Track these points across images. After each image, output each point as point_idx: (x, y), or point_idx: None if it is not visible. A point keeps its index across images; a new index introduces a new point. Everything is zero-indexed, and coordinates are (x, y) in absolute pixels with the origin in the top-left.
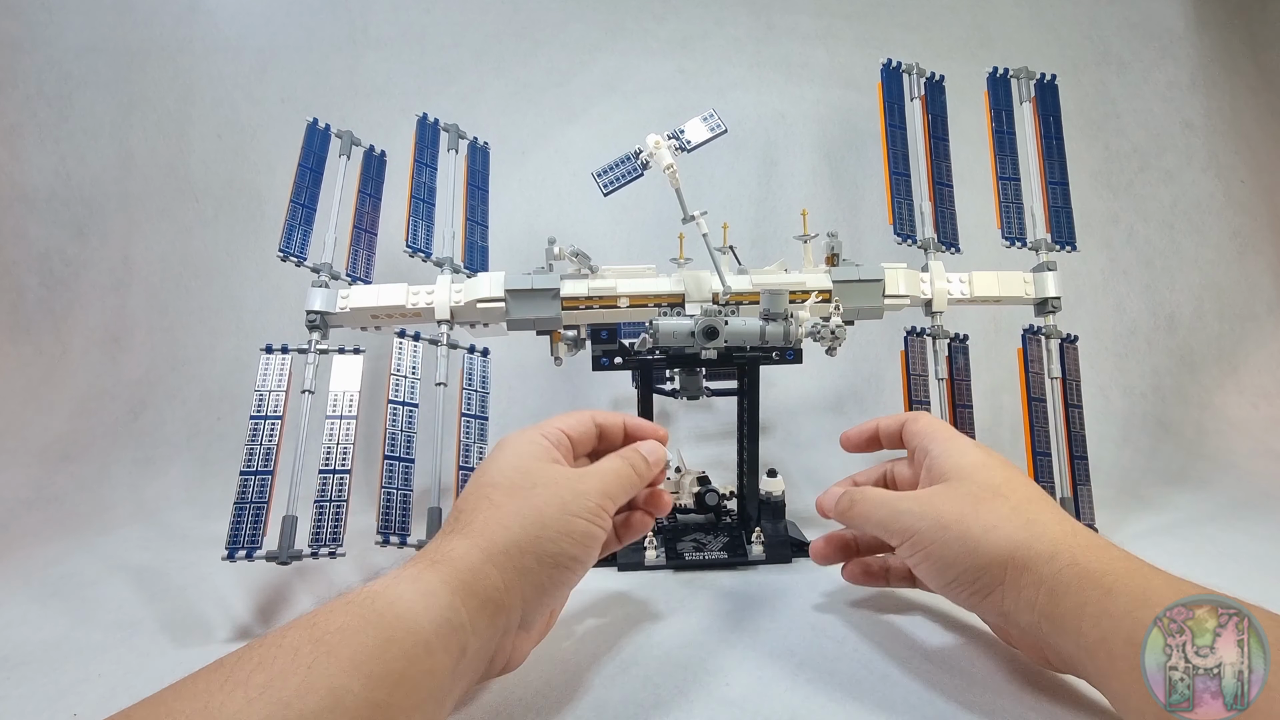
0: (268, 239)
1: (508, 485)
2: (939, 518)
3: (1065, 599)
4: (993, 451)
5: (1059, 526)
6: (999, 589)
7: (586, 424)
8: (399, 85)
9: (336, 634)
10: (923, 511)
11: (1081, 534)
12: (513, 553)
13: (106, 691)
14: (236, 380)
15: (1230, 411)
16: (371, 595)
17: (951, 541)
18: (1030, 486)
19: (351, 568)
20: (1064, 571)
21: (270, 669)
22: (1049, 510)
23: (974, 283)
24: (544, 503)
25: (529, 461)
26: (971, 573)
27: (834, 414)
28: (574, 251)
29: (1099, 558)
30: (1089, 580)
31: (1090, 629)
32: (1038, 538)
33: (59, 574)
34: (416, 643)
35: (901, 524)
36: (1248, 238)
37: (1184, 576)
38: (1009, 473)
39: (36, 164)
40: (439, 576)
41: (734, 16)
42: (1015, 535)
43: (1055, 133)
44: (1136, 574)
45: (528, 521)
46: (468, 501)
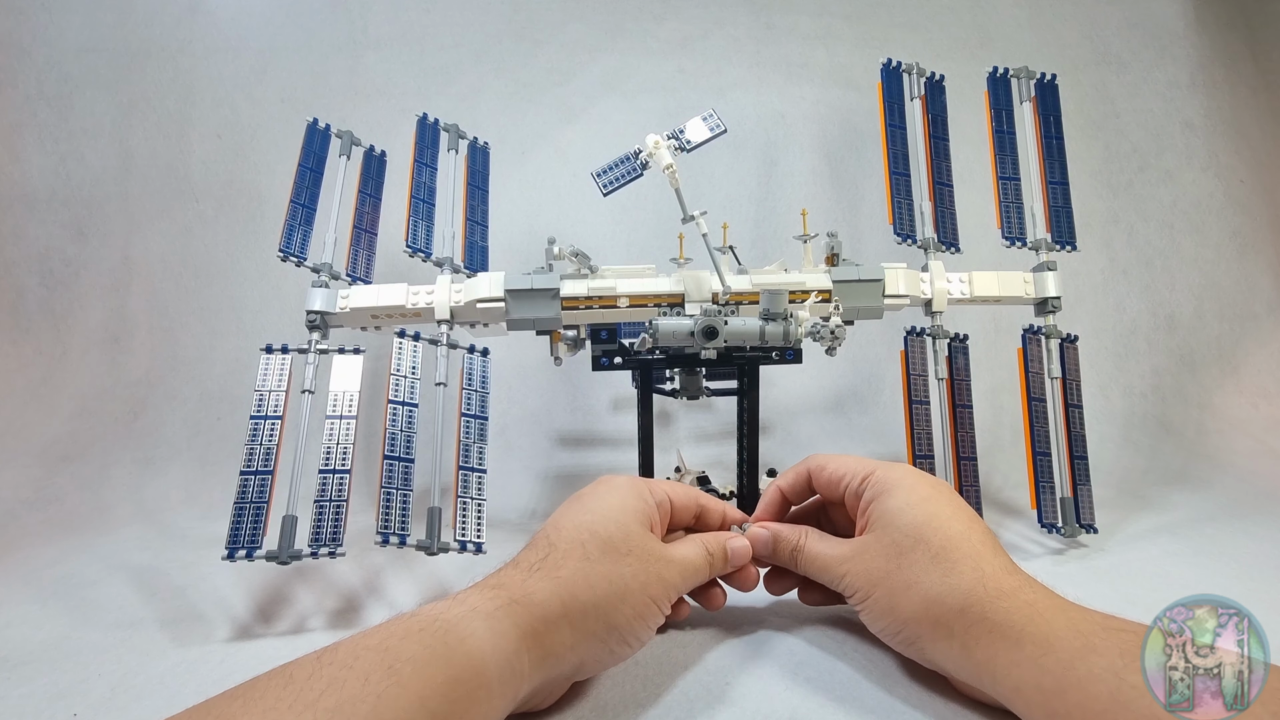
0: (268, 239)
1: (605, 541)
2: (869, 575)
3: (976, 652)
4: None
5: (972, 574)
6: (920, 641)
7: (691, 503)
8: (399, 85)
9: (408, 664)
10: (857, 570)
11: (990, 580)
12: (589, 615)
13: (106, 691)
14: (236, 380)
15: (1230, 411)
16: (445, 627)
17: (881, 597)
18: (954, 520)
19: (351, 567)
20: (973, 628)
21: (341, 693)
22: (966, 553)
23: (974, 283)
24: (632, 575)
25: (631, 522)
26: (895, 625)
27: (834, 414)
28: (574, 251)
29: (1005, 607)
30: (996, 634)
31: (1004, 678)
32: (950, 590)
33: (59, 574)
34: (480, 684)
35: (845, 583)
36: (1248, 238)
37: (1184, 577)
38: (933, 507)
39: (36, 164)
40: (513, 621)
41: (734, 16)
42: (931, 591)
43: (1055, 132)
44: (1039, 620)
45: (613, 589)
46: (563, 537)
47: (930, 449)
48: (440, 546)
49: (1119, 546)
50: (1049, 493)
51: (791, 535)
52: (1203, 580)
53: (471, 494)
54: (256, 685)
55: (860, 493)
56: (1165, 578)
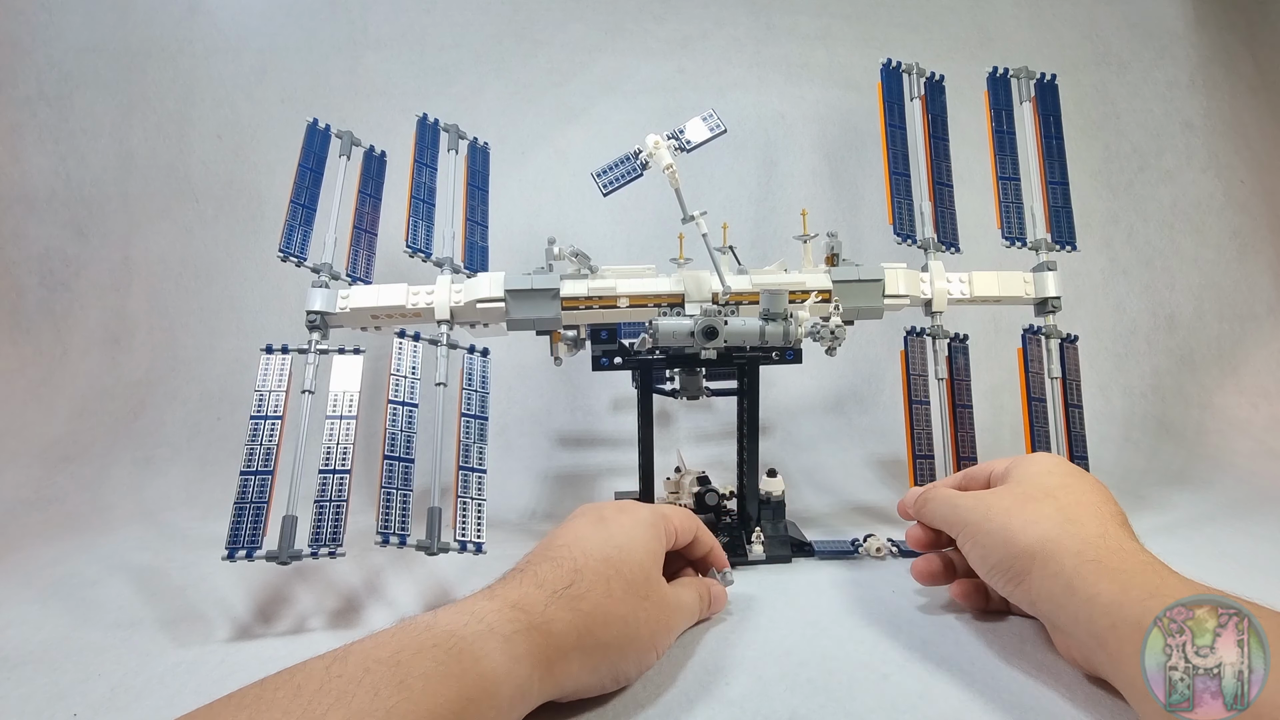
0: (268, 239)
1: (628, 582)
2: (988, 510)
3: (1080, 590)
4: (1064, 462)
5: (1097, 529)
6: (1027, 578)
7: (689, 534)
8: (399, 85)
9: (420, 680)
10: (975, 505)
11: (1114, 538)
12: (599, 653)
13: (106, 691)
14: (236, 380)
15: (1230, 411)
16: (460, 645)
17: (995, 531)
18: (1089, 491)
19: (351, 568)
20: (1084, 566)
21: (349, 706)
22: (1096, 518)
23: (974, 283)
24: (645, 622)
25: (651, 566)
26: (1006, 560)
27: (834, 414)
28: (574, 251)
29: (1122, 558)
30: (1105, 574)
31: (1101, 617)
32: (1070, 535)
33: (59, 574)
34: (491, 706)
35: (958, 516)
36: (1248, 238)
37: (1185, 577)
38: (1071, 480)
39: (36, 164)
40: (529, 647)
41: (734, 16)
42: (1050, 531)
43: (1055, 132)
44: (1152, 572)
45: (626, 632)
46: (590, 566)
47: (930, 449)
48: (440, 547)
49: None
50: None
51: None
52: (1203, 580)
53: (471, 494)
54: (264, 694)
55: (1005, 474)
56: None
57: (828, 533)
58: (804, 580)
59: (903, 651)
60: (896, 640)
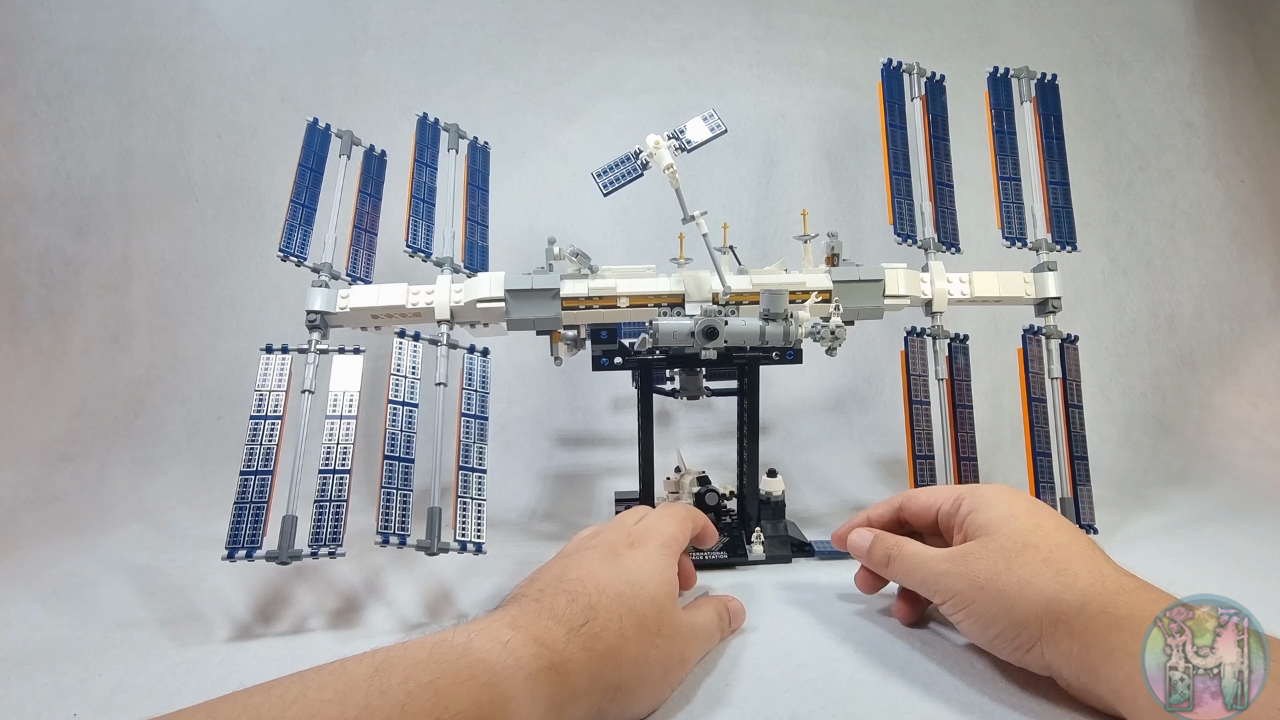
0: (268, 239)
1: (640, 621)
2: (975, 578)
3: (1095, 647)
4: (1019, 497)
5: (1089, 573)
6: (1038, 644)
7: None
8: (399, 85)
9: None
10: (959, 572)
11: (1109, 579)
12: (609, 693)
13: (106, 691)
14: (236, 380)
15: (1230, 411)
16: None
17: (989, 600)
18: (1060, 530)
19: (351, 568)
20: (1094, 621)
21: None
22: (1079, 555)
23: (974, 283)
24: (657, 659)
25: (664, 600)
26: (1010, 630)
27: (834, 414)
28: (574, 251)
29: (1126, 603)
30: (1116, 627)
31: (1117, 670)
32: (1068, 588)
33: (59, 574)
34: None
35: (942, 585)
36: (1248, 238)
37: (1184, 577)
38: (1037, 518)
39: (36, 164)
40: (550, 689)
41: (734, 16)
42: (1047, 589)
43: (1056, 132)
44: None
45: (638, 673)
46: (604, 604)
47: (930, 449)
48: (440, 547)
49: (1119, 547)
50: (1049, 493)
51: (889, 539)
52: (1203, 580)
53: (471, 494)
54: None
55: (954, 512)
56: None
57: (828, 533)
58: (804, 580)
59: (903, 652)
60: (897, 641)
